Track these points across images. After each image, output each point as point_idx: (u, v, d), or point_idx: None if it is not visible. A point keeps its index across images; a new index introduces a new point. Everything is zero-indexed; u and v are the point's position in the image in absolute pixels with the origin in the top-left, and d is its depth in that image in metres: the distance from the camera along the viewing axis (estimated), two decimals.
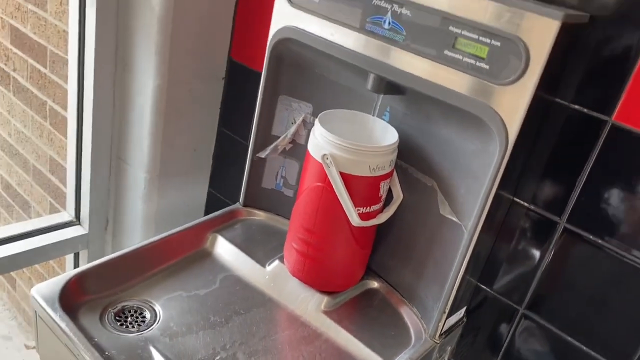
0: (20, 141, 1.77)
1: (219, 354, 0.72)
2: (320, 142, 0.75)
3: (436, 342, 0.77)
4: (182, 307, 0.78)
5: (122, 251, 0.83)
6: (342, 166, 0.73)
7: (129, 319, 0.75)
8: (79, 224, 1.23)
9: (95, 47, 1.01)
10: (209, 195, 1.21)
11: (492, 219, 0.70)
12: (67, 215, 1.24)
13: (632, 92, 0.63)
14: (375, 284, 0.87)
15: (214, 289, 0.83)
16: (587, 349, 0.73)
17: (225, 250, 0.90)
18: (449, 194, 0.75)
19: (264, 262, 0.87)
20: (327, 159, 0.73)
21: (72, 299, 0.74)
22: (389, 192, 0.80)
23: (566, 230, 0.71)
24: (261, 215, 0.98)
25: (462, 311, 0.81)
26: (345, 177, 0.74)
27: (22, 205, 1.87)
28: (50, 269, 1.81)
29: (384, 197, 0.79)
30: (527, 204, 0.74)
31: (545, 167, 0.72)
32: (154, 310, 0.77)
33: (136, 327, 0.74)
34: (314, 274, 0.82)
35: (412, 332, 0.79)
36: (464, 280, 0.72)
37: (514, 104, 0.62)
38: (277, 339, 0.77)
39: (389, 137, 0.77)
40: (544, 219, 0.73)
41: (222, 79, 1.11)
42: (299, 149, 0.92)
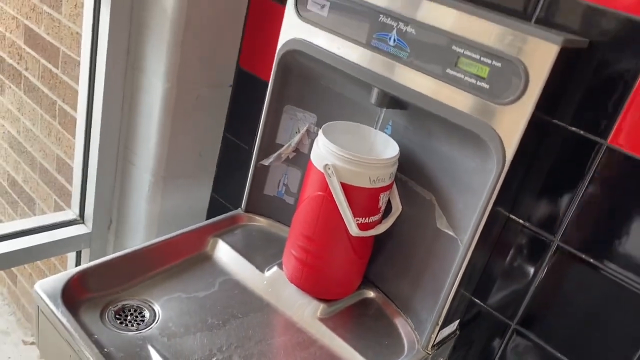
0: (28, 139, 1.80)
1: (215, 356, 0.73)
2: (322, 152, 0.77)
3: (428, 353, 0.78)
4: (181, 308, 0.80)
5: (124, 251, 0.85)
6: (343, 177, 0.75)
7: (129, 318, 0.77)
8: (83, 223, 1.25)
9: (107, 50, 1.04)
10: (212, 199, 1.23)
11: (487, 235, 0.72)
12: (71, 213, 1.26)
13: (627, 116, 0.65)
14: (371, 294, 0.88)
15: (213, 292, 0.84)
16: None
17: (225, 254, 0.92)
18: (446, 208, 0.77)
19: (263, 268, 0.89)
20: (329, 169, 0.75)
21: (74, 296, 0.76)
22: (388, 204, 0.81)
23: (559, 248, 0.73)
24: (262, 221, 1.00)
25: (456, 324, 0.82)
26: (345, 188, 0.75)
27: (27, 202, 1.89)
28: (51, 266, 1.83)
29: (383, 209, 0.80)
30: (523, 221, 0.76)
31: (541, 186, 0.73)
32: (154, 310, 0.79)
33: (135, 325, 0.76)
34: (312, 281, 0.84)
35: (406, 343, 0.80)
36: (458, 293, 0.74)
37: (513, 124, 0.64)
38: (273, 343, 0.78)
39: (390, 150, 0.79)
40: (538, 237, 0.75)
41: (230, 86, 1.13)
42: (302, 158, 0.94)
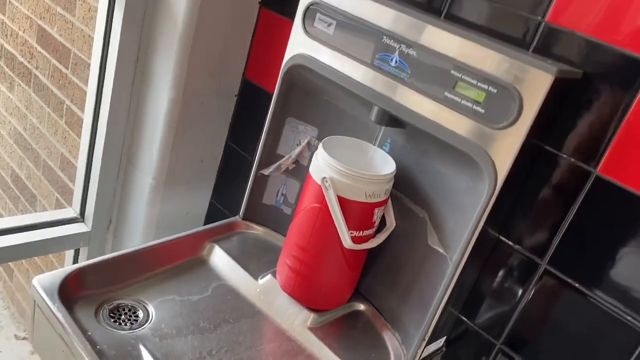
0: (34, 136, 1.82)
1: (205, 359, 0.75)
2: (321, 165, 0.79)
3: None
4: (174, 310, 0.82)
5: (122, 251, 0.86)
6: (339, 190, 0.77)
7: (123, 317, 0.78)
8: (83, 222, 1.27)
9: (117, 55, 1.06)
10: (211, 205, 1.25)
11: (476, 254, 0.74)
12: (72, 211, 1.28)
13: (616, 147, 0.67)
14: (361, 307, 0.90)
15: (206, 296, 0.86)
16: None
17: (220, 260, 0.93)
18: (438, 226, 0.79)
19: (256, 275, 0.90)
20: (327, 181, 0.77)
21: (71, 292, 0.77)
22: (383, 219, 0.83)
23: (546, 271, 0.74)
24: (259, 229, 1.02)
25: (442, 340, 0.84)
26: (341, 201, 0.77)
27: (29, 198, 1.91)
28: (49, 262, 1.84)
29: (377, 223, 0.82)
30: (512, 243, 0.78)
31: (531, 210, 0.75)
32: (147, 310, 0.80)
33: (129, 325, 0.77)
34: (304, 291, 0.85)
35: (392, 356, 0.81)
36: (446, 309, 0.76)
37: (505, 148, 0.66)
38: (262, 350, 0.80)
39: (387, 166, 0.81)
40: (526, 259, 0.77)
41: (235, 96, 1.15)
42: (301, 170, 0.96)
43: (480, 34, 0.72)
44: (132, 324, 0.77)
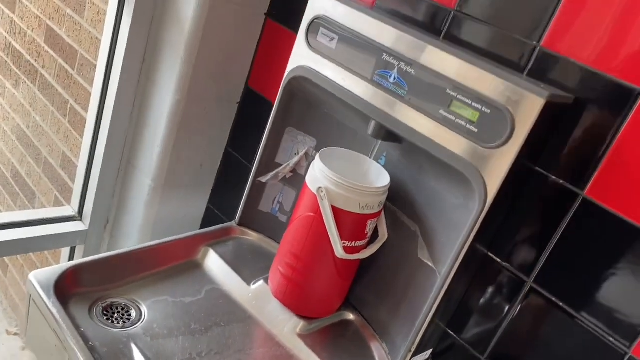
0: (37, 134, 1.84)
1: None
2: (318, 175, 0.81)
3: None
4: (167, 311, 0.83)
5: (119, 250, 0.88)
6: (334, 200, 0.79)
7: (116, 315, 0.80)
8: (80, 220, 1.28)
9: (124, 58, 1.08)
10: (207, 210, 1.27)
11: (465, 269, 0.75)
12: (70, 210, 1.29)
13: (604, 171, 0.69)
14: (351, 316, 0.91)
15: (199, 299, 0.88)
16: None
17: (214, 264, 0.95)
18: (429, 240, 0.80)
19: (249, 281, 0.92)
20: (322, 191, 0.79)
21: (66, 289, 0.79)
22: (375, 231, 0.85)
23: (532, 289, 0.76)
24: (254, 236, 1.03)
25: (428, 353, 0.85)
26: (336, 211, 0.79)
27: (28, 195, 1.92)
28: (44, 259, 1.85)
29: (369, 235, 0.84)
30: (500, 260, 0.79)
31: (520, 228, 0.77)
32: (140, 310, 0.82)
33: (121, 323, 0.79)
34: (295, 298, 0.87)
35: None
36: (433, 322, 0.77)
37: (496, 168, 0.68)
38: (251, 354, 0.81)
39: (382, 180, 0.83)
40: (513, 276, 0.78)
41: (237, 103, 1.17)
42: (298, 179, 0.98)
43: (477, 55, 0.75)
44: (124, 322, 0.79)
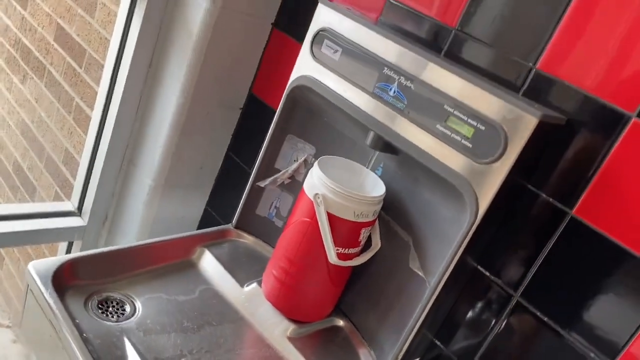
0: (41, 129, 1.86)
1: (185, 357, 0.77)
2: (315, 182, 0.83)
3: None
4: (161, 308, 0.85)
5: (117, 246, 0.90)
6: (330, 207, 0.81)
7: (110, 309, 0.81)
8: (80, 216, 1.30)
9: (131, 59, 1.11)
10: (205, 212, 1.28)
11: (454, 281, 0.77)
12: (70, 205, 1.31)
13: (592, 192, 0.71)
14: (340, 322, 0.93)
15: (192, 298, 0.89)
16: None
17: (209, 264, 0.96)
18: (421, 251, 0.82)
19: (243, 283, 0.93)
20: (319, 198, 0.81)
21: (63, 281, 0.80)
22: (369, 239, 0.87)
23: (518, 304, 0.78)
24: (249, 239, 1.05)
25: None
26: (331, 218, 0.81)
27: (29, 189, 1.94)
28: (41, 253, 1.86)
29: (363, 243, 0.86)
30: (488, 274, 0.81)
31: (509, 244, 0.79)
32: (135, 305, 0.83)
33: (115, 317, 0.80)
34: (287, 301, 0.89)
35: None
36: (420, 331, 0.79)
37: (488, 183, 0.70)
38: (241, 354, 0.83)
39: (378, 189, 0.85)
40: (501, 290, 0.80)
41: (240, 108, 1.20)
42: (296, 185, 1.00)
43: (474, 73, 0.77)
44: (118, 316, 0.80)
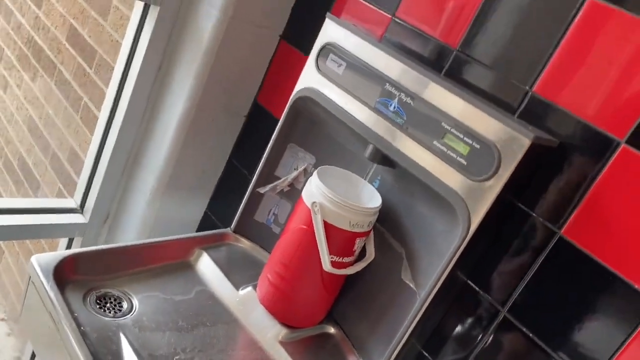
0: (48, 126, 1.89)
1: (179, 355, 0.79)
2: (313, 190, 0.85)
3: None
4: (157, 306, 0.87)
5: (117, 244, 0.92)
6: (327, 216, 0.83)
7: (108, 305, 0.83)
8: (81, 213, 1.32)
9: (141, 62, 1.14)
10: (205, 215, 1.31)
11: (443, 294, 0.79)
12: (73, 202, 1.33)
13: (581, 213, 0.73)
14: (332, 330, 0.95)
15: (188, 298, 0.91)
16: None
17: (206, 266, 0.98)
18: (413, 262, 0.84)
19: (238, 286, 0.95)
20: (316, 206, 0.83)
21: (64, 275, 0.83)
22: (363, 249, 0.89)
23: (505, 319, 0.80)
24: (247, 244, 1.07)
25: None
26: (327, 226, 0.83)
27: (33, 184, 1.97)
28: (40, 249, 1.88)
29: (357, 252, 0.88)
30: (478, 289, 0.83)
31: (499, 260, 0.81)
32: (132, 302, 0.85)
33: (113, 313, 0.82)
34: (280, 306, 0.91)
35: None
36: (409, 342, 0.81)
37: (481, 199, 0.73)
38: (233, 355, 0.84)
39: (374, 201, 0.88)
40: (489, 305, 0.82)
41: (244, 116, 1.23)
42: (295, 193, 1.02)
43: (473, 94, 0.80)
44: (116, 312, 0.82)
